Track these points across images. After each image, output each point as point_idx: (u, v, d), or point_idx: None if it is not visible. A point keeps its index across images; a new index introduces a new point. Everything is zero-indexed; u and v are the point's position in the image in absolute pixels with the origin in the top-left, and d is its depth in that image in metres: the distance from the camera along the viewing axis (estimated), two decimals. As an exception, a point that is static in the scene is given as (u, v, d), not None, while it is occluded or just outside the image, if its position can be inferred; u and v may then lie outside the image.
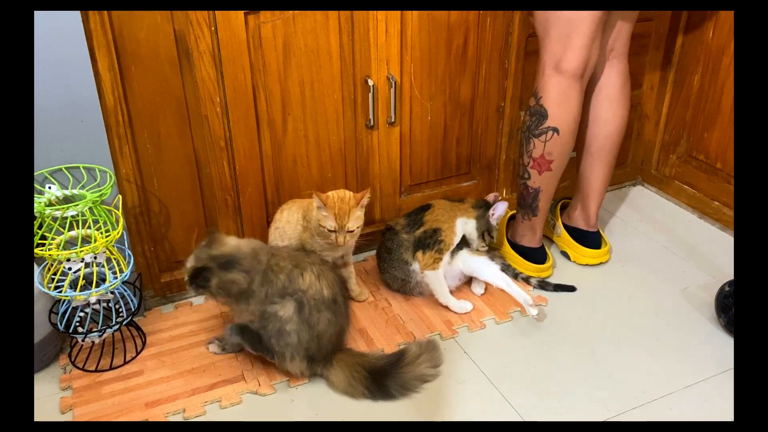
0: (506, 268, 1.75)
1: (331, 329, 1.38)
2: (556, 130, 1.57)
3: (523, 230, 1.77)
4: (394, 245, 1.65)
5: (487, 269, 1.63)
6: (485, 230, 1.65)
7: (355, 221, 1.50)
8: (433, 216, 1.64)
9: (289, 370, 1.41)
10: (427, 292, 1.65)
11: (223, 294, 1.35)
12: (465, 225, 1.65)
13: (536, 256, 1.77)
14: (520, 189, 1.72)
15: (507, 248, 1.80)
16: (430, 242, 1.60)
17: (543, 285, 1.73)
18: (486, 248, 1.68)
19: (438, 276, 1.61)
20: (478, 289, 1.70)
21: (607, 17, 1.55)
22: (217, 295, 1.35)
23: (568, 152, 1.63)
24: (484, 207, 1.66)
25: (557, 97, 1.55)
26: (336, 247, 1.53)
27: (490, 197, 1.70)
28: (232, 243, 1.38)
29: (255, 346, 1.41)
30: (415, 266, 1.62)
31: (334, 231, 1.49)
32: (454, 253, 1.64)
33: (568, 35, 1.50)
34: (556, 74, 1.54)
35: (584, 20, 1.48)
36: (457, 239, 1.62)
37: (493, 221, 1.66)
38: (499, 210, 1.66)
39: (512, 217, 1.88)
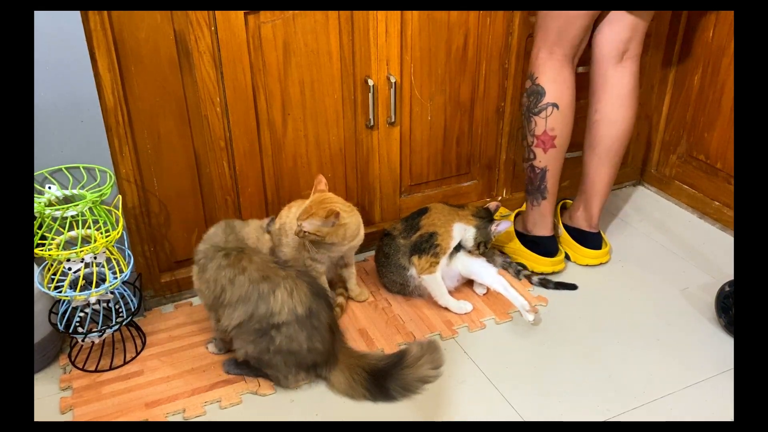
0: (508, 265, 1.77)
1: (316, 338, 1.35)
2: (555, 105, 1.62)
3: (534, 217, 1.77)
4: (391, 250, 1.65)
5: (485, 272, 1.62)
6: (483, 241, 1.63)
7: (311, 226, 1.47)
8: (429, 220, 1.63)
9: (293, 387, 1.41)
10: (427, 294, 1.65)
11: None
12: (464, 232, 1.63)
13: (548, 246, 1.77)
14: (527, 173, 1.73)
15: (518, 246, 1.80)
16: (426, 246, 1.60)
17: (544, 283, 1.73)
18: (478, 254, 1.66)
19: (436, 279, 1.61)
20: (480, 289, 1.70)
21: (622, 16, 1.60)
22: None
23: (569, 128, 1.67)
24: (486, 217, 1.64)
25: (552, 75, 1.62)
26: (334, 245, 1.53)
27: (492, 206, 1.68)
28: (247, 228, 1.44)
29: (254, 373, 1.43)
30: (413, 271, 1.62)
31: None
32: (452, 254, 1.63)
33: (565, 28, 1.57)
34: (551, 58, 1.61)
35: (582, 15, 1.55)
36: (453, 244, 1.61)
37: (492, 235, 1.64)
38: (502, 227, 1.63)
39: (519, 213, 1.88)
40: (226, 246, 1.37)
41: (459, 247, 1.64)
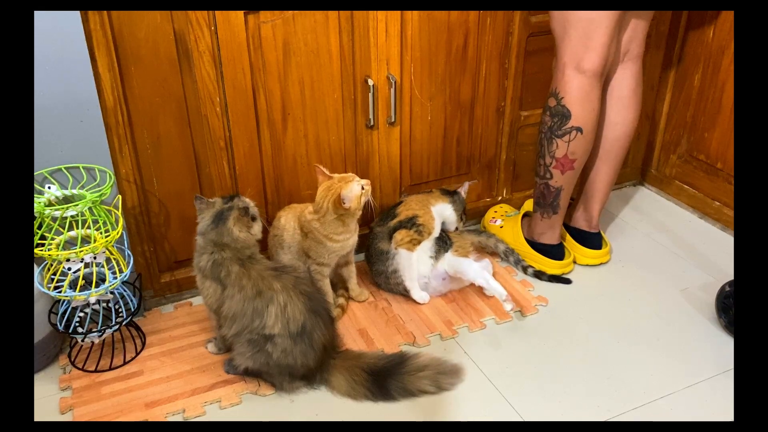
0: (510, 253, 1.80)
1: (310, 356, 1.35)
2: (579, 129, 1.58)
3: (542, 228, 1.77)
4: (370, 240, 1.69)
5: (467, 268, 1.63)
6: (462, 212, 1.74)
7: (350, 201, 1.50)
8: (405, 207, 1.68)
9: (290, 392, 1.40)
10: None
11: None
12: (442, 210, 1.70)
13: (556, 253, 1.78)
14: (540, 189, 1.72)
15: (526, 248, 1.80)
16: (408, 225, 1.64)
17: (538, 275, 1.76)
18: (463, 227, 1.78)
19: (410, 258, 1.62)
20: (489, 291, 1.70)
21: (623, 16, 1.55)
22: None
23: (589, 150, 1.64)
24: (452, 192, 1.75)
25: (580, 97, 1.55)
26: (346, 241, 1.55)
27: (464, 187, 1.80)
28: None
29: (253, 375, 1.42)
30: (391, 251, 1.64)
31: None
32: (438, 255, 1.65)
33: (588, 35, 1.50)
34: (578, 74, 1.54)
35: (605, 19, 1.48)
36: (436, 225, 1.66)
37: (464, 196, 1.77)
38: (465, 187, 1.78)
39: (526, 215, 1.88)
40: (223, 256, 1.35)
41: (447, 248, 1.67)
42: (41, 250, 1.31)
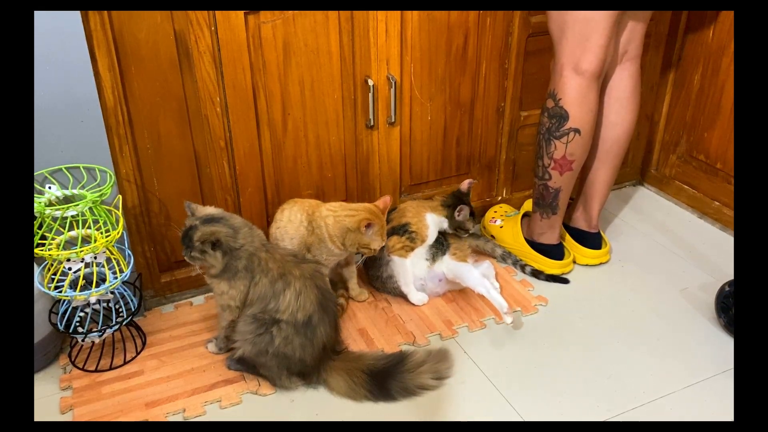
0: (507, 256, 1.80)
1: (307, 351, 1.35)
2: (577, 131, 1.58)
3: (541, 228, 1.78)
4: None
5: (468, 275, 1.61)
6: (457, 227, 1.69)
7: (373, 237, 1.52)
8: (399, 214, 1.66)
9: (287, 387, 1.40)
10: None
11: (205, 251, 1.31)
12: (439, 222, 1.66)
13: (556, 252, 1.78)
14: (539, 189, 1.72)
15: (526, 248, 1.81)
16: (401, 231, 1.63)
17: (536, 274, 1.76)
18: (469, 234, 1.72)
19: (404, 264, 1.62)
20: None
21: (621, 17, 1.55)
22: (201, 255, 1.32)
23: (587, 151, 1.64)
24: (452, 205, 1.67)
25: (577, 98, 1.55)
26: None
27: (464, 185, 1.71)
28: (216, 210, 1.38)
29: (253, 372, 1.43)
30: (384, 255, 1.64)
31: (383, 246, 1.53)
32: (436, 257, 1.65)
33: (586, 36, 1.50)
34: (576, 75, 1.54)
35: (602, 20, 1.48)
36: (430, 233, 1.63)
37: (461, 219, 1.68)
38: (464, 212, 1.67)
39: (525, 215, 1.88)
40: (254, 246, 1.35)
41: (444, 251, 1.66)
42: (41, 250, 1.31)
